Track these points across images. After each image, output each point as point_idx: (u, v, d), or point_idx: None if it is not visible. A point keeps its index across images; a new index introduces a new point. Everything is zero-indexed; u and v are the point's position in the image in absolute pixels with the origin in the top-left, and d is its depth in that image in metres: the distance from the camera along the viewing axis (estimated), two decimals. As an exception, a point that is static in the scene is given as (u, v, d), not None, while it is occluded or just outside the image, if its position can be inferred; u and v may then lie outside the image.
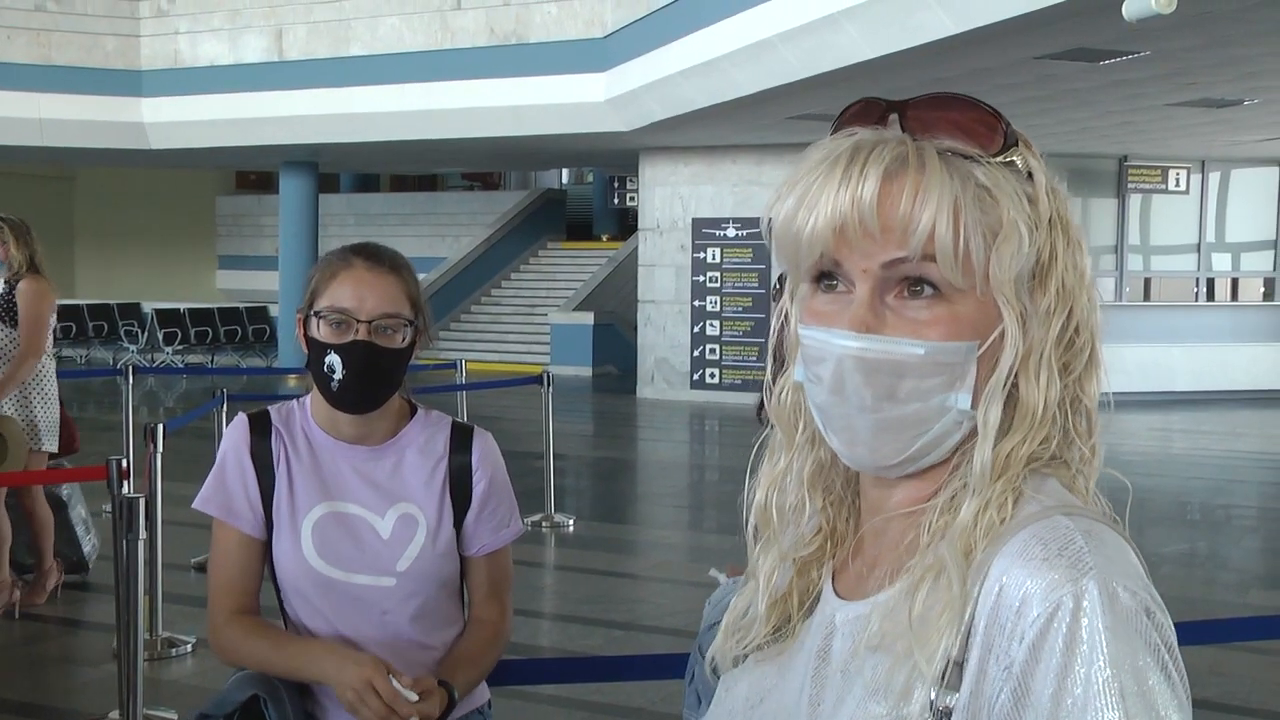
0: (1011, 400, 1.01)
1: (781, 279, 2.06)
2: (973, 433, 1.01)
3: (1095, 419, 1.05)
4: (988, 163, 1.01)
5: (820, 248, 1.01)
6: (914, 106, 1.03)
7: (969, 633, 0.94)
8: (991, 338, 1.00)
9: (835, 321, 1.01)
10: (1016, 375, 1.01)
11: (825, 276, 1.03)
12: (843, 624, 1.06)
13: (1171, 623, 0.93)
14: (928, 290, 0.99)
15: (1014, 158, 1.02)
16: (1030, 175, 1.02)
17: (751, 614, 1.15)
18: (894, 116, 1.04)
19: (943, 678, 0.94)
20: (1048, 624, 0.89)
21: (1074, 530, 0.94)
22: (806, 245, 1.02)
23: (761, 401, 2.07)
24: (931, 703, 0.94)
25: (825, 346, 1.01)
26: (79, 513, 6.84)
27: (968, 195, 0.99)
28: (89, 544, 6.90)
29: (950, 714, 0.93)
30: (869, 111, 1.05)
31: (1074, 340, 1.02)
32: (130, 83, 18.49)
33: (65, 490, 6.72)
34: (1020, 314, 1.00)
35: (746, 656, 1.15)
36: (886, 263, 0.99)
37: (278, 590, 2.30)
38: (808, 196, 1.01)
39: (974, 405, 1.01)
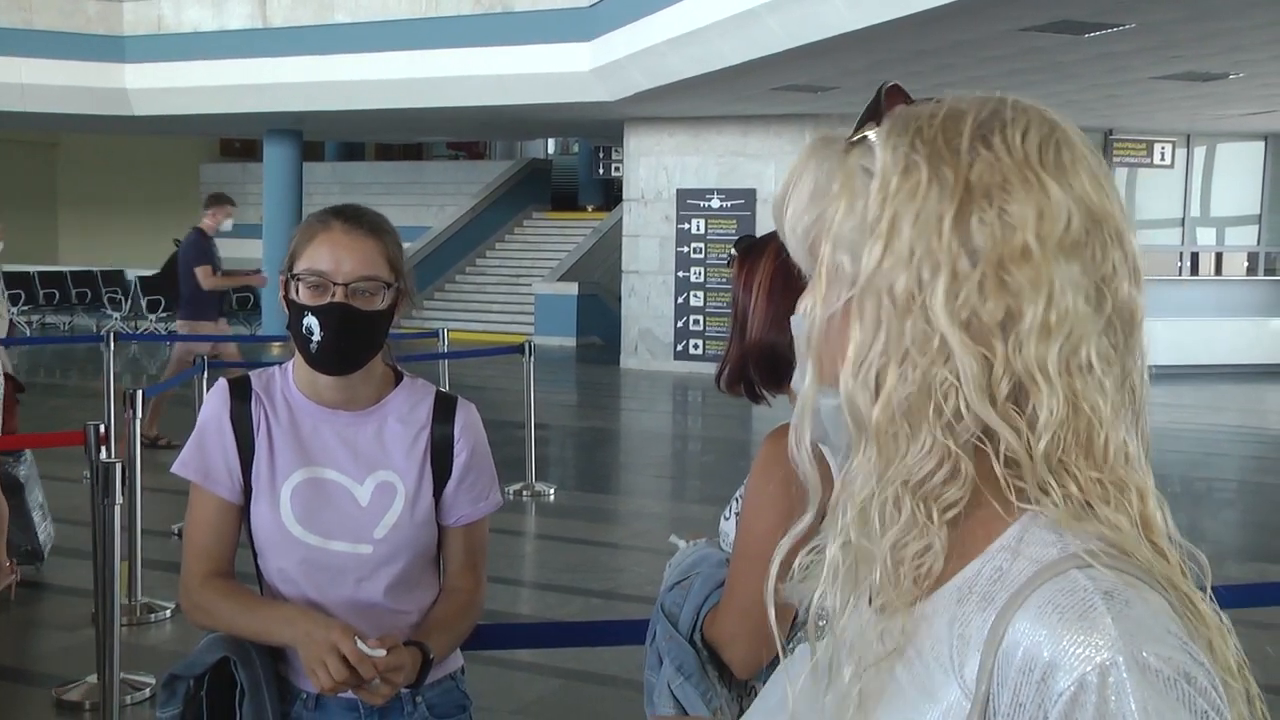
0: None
1: (738, 246, 2.07)
2: None
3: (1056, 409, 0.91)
4: (850, 144, 1.01)
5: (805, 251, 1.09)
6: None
7: (986, 703, 0.87)
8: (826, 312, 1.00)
9: None
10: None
11: None
12: (854, 630, 1.00)
13: (1218, 683, 0.85)
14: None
15: (869, 135, 0.98)
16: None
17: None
18: None
19: None
20: (1071, 704, 0.82)
21: (1093, 593, 0.85)
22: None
23: (721, 370, 2.08)
24: None
25: None
26: (35, 497, 6.37)
27: (821, 176, 1.03)
28: (44, 532, 6.40)
29: None
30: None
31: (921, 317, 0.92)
32: (113, 48, 18.35)
33: (23, 471, 6.25)
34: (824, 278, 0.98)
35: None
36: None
37: (255, 555, 2.31)
38: None
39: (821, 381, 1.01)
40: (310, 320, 2.20)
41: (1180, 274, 19.16)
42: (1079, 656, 0.83)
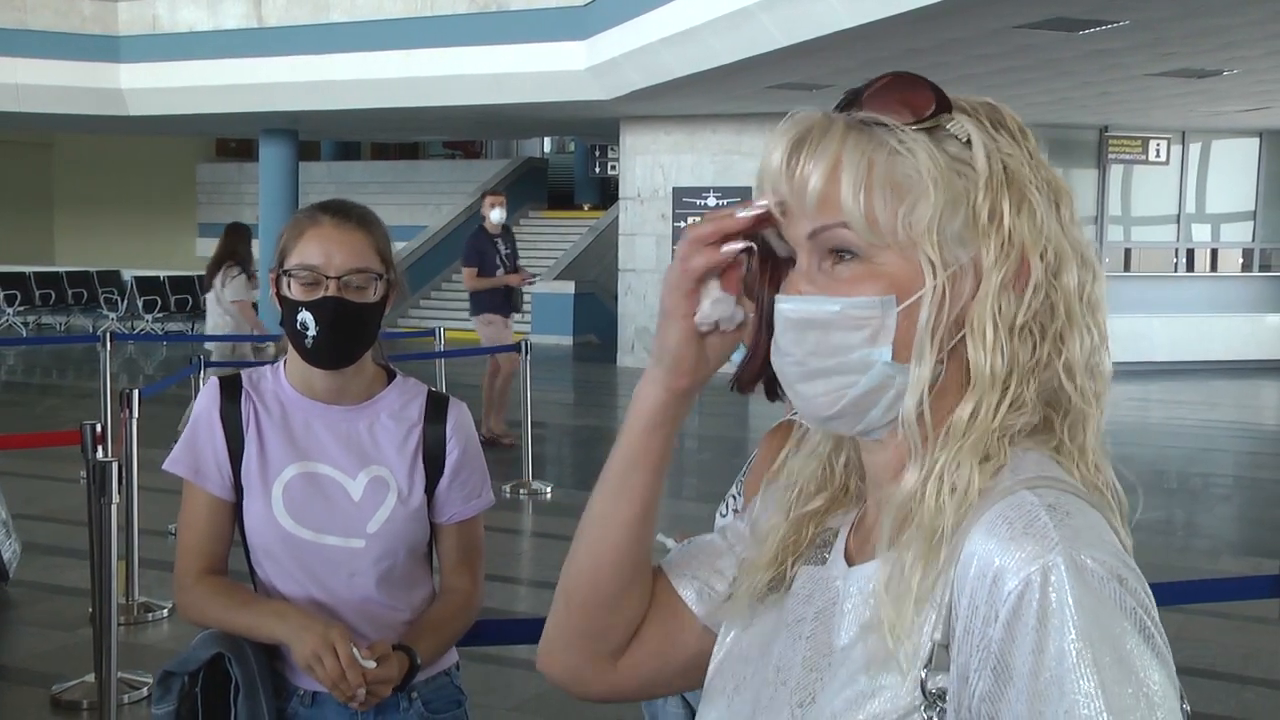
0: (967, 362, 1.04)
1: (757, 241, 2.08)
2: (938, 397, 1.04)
3: (1086, 385, 1.05)
4: (907, 130, 1.04)
5: (772, 223, 1.09)
6: (867, 89, 1.07)
7: (949, 613, 0.96)
8: (917, 294, 1.03)
9: (785, 288, 1.08)
10: (964, 336, 1.03)
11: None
12: (842, 589, 1.09)
13: (1147, 586, 0.94)
14: (848, 255, 1.04)
15: (947, 125, 1.05)
16: (969, 141, 1.05)
17: (752, 563, 1.18)
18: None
19: (930, 659, 0.96)
20: (1019, 601, 0.91)
21: (1039, 506, 0.95)
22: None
23: (742, 369, 2.08)
24: (922, 684, 0.96)
25: (775, 311, 1.08)
26: None
27: (881, 158, 1.03)
28: (9, 549, 6.22)
29: (944, 695, 0.96)
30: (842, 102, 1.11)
31: (1034, 302, 1.03)
32: (108, 48, 18.33)
33: None
34: (945, 268, 1.02)
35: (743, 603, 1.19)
36: (810, 233, 1.05)
37: (247, 553, 2.32)
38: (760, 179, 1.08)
39: (896, 358, 1.03)
40: (305, 315, 2.21)
41: (1175, 270, 19.17)
42: (1024, 560, 0.92)
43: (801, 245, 1.06)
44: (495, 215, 10.50)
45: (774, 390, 2.06)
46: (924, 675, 0.96)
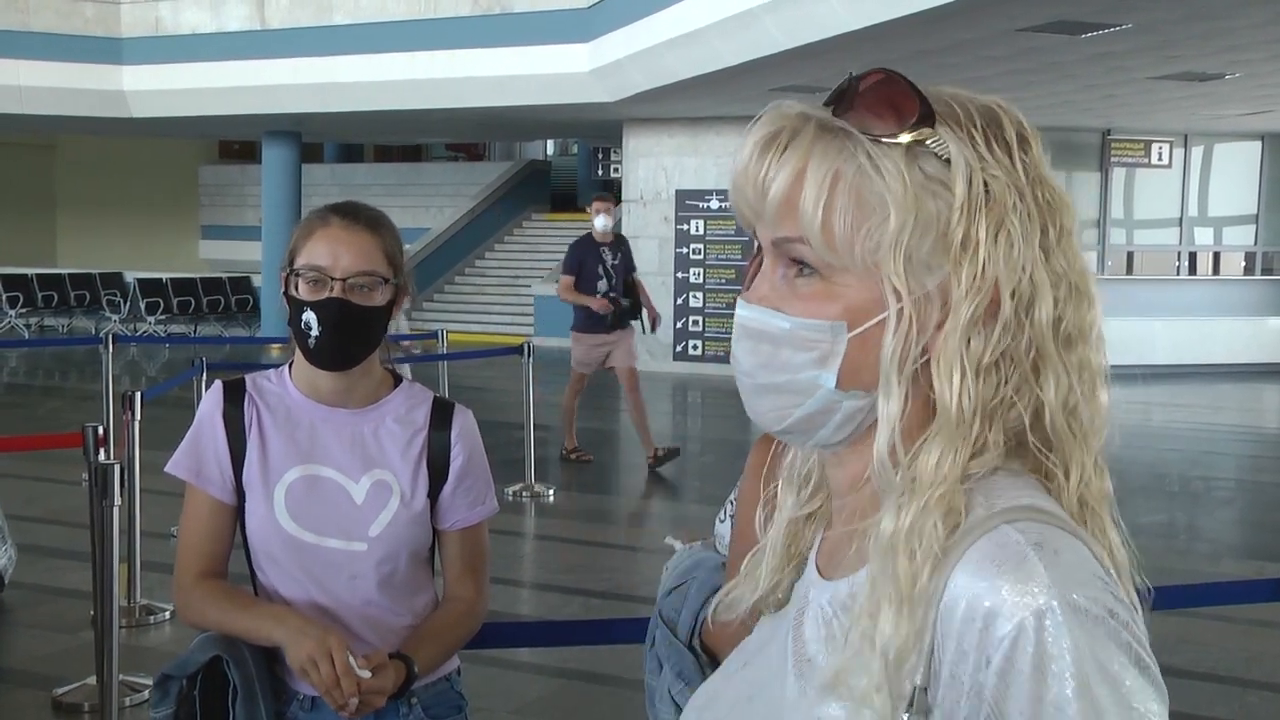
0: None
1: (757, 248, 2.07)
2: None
3: (1064, 427, 1.00)
4: (882, 142, 0.98)
5: (741, 221, 1.06)
6: (861, 82, 1.01)
7: (931, 655, 0.93)
8: (870, 321, 0.99)
9: (750, 288, 1.05)
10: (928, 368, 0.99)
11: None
12: (813, 602, 1.07)
13: (1136, 613, 0.93)
14: (808, 270, 1.00)
15: (928, 140, 0.98)
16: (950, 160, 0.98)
17: (755, 579, 1.16)
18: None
19: (911, 703, 0.93)
20: (1013, 648, 0.88)
21: (1025, 544, 0.91)
22: (738, 219, 1.07)
23: None
24: None
25: (735, 314, 1.06)
26: None
27: (849, 171, 0.98)
28: (5, 555, 6.06)
29: None
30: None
31: (1004, 339, 0.97)
32: (110, 50, 18.35)
33: None
34: (909, 295, 0.97)
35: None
36: (773, 240, 1.02)
37: (248, 556, 2.31)
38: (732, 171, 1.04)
39: (841, 385, 1.00)
40: (309, 315, 2.21)
41: (1178, 274, 19.18)
42: (1017, 604, 0.89)
43: (767, 249, 1.03)
44: (599, 222, 9.69)
45: None
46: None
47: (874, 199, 0.97)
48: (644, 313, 10.07)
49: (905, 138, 0.98)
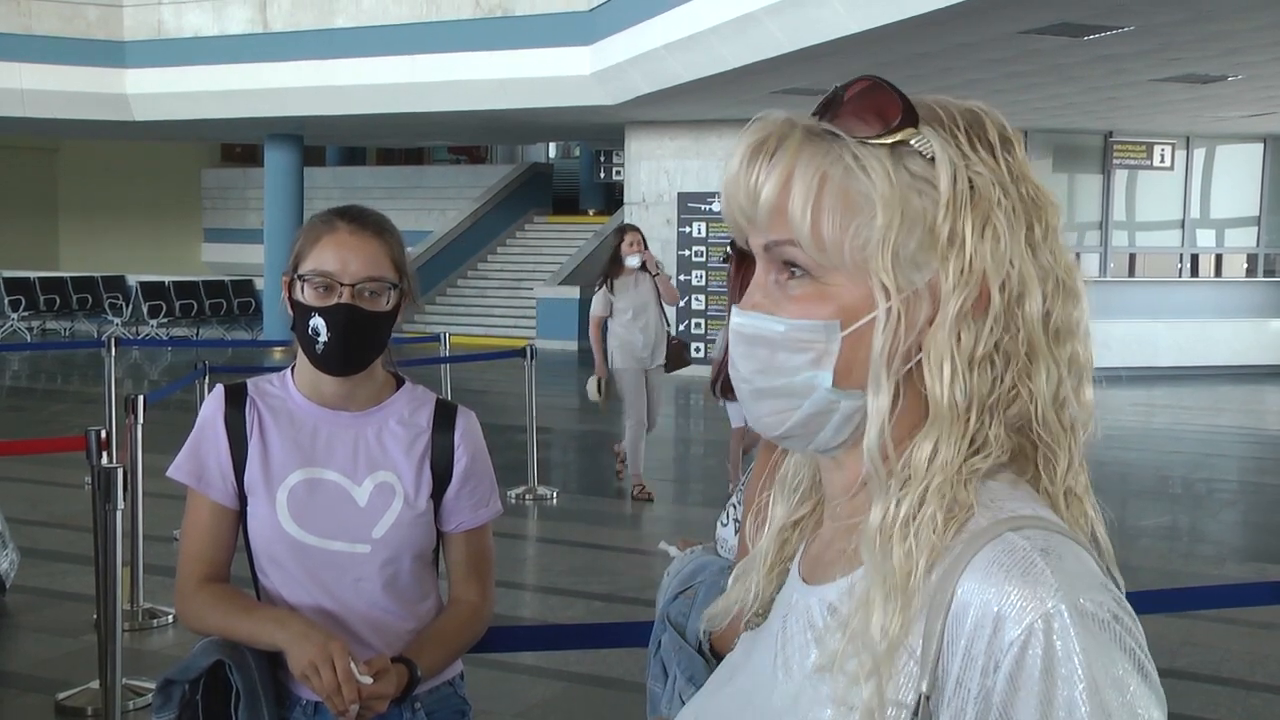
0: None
1: (735, 247, 2.07)
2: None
3: (1053, 420, 1.01)
4: (867, 144, 0.99)
5: (734, 230, 1.07)
6: (847, 91, 1.03)
7: (936, 664, 0.93)
8: (863, 319, 1.00)
9: (744, 298, 1.06)
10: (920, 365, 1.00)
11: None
12: (797, 607, 1.07)
13: (1136, 619, 0.93)
14: (799, 272, 1.02)
15: (913, 140, 1.00)
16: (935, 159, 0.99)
17: (745, 587, 1.17)
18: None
19: (915, 712, 0.93)
20: (1022, 651, 0.89)
21: (1031, 550, 0.92)
22: (731, 228, 1.08)
23: (715, 377, 2.07)
24: None
25: (731, 322, 1.07)
26: None
27: (836, 173, 0.99)
28: (7, 559, 6.03)
29: None
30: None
31: (995, 331, 0.99)
32: (113, 53, 18.36)
33: None
34: (898, 292, 0.99)
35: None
36: (764, 245, 1.03)
37: (251, 560, 2.31)
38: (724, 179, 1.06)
39: (837, 384, 1.01)
40: (317, 321, 2.21)
41: (1180, 275, 19.17)
42: (1026, 609, 0.90)
43: (759, 255, 1.04)
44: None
45: None
46: None
47: (861, 199, 0.99)
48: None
49: (890, 139, 0.99)
